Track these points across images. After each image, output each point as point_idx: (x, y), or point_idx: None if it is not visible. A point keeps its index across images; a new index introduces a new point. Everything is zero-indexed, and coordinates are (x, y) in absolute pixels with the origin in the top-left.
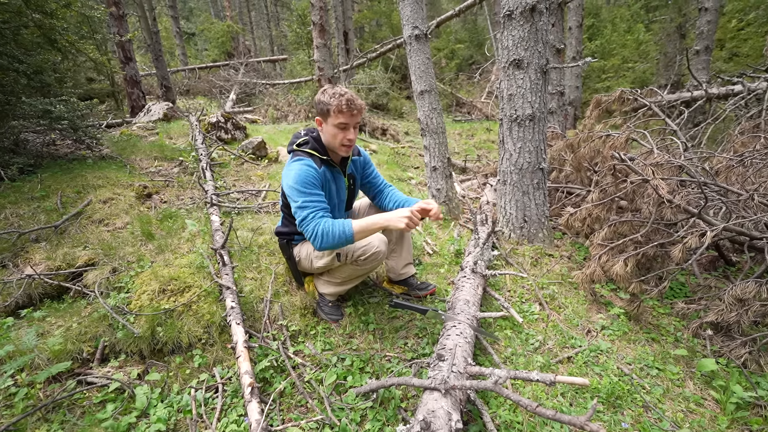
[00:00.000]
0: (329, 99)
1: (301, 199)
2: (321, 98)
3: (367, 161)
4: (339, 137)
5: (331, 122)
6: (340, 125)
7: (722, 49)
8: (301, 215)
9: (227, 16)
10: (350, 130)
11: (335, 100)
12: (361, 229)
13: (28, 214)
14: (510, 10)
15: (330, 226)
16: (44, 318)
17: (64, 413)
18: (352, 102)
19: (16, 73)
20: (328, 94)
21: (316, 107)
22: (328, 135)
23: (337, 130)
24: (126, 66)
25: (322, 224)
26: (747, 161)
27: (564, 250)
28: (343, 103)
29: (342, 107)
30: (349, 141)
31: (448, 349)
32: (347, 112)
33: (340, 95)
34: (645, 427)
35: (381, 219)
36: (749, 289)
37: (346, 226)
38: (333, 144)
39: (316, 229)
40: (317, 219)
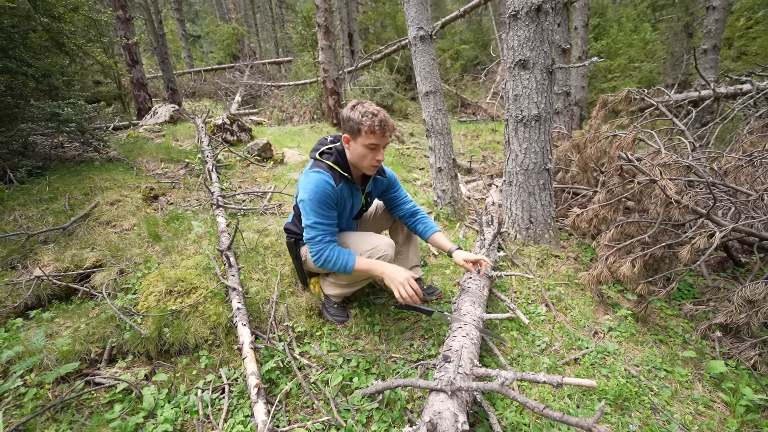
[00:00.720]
0: (360, 117)
1: (313, 219)
2: (351, 115)
3: (392, 183)
4: (368, 158)
5: (361, 142)
6: (370, 146)
7: (730, 47)
8: (310, 234)
9: (232, 19)
10: (380, 151)
11: (368, 120)
12: (363, 269)
13: (36, 216)
14: (515, 11)
15: (335, 255)
16: (53, 319)
17: (73, 413)
18: (385, 123)
19: (24, 77)
20: (358, 111)
21: (344, 123)
22: (356, 154)
23: (366, 151)
24: (132, 69)
25: (328, 250)
26: (756, 161)
27: (570, 251)
28: (376, 124)
29: (375, 128)
30: (378, 162)
31: (454, 351)
32: (379, 134)
33: (373, 115)
34: (653, 429)
35: (381, 269)
36: (759, 291)
37: (350, 262)
38: (360, 163)
39: (321, 252)
40: (324, 243)
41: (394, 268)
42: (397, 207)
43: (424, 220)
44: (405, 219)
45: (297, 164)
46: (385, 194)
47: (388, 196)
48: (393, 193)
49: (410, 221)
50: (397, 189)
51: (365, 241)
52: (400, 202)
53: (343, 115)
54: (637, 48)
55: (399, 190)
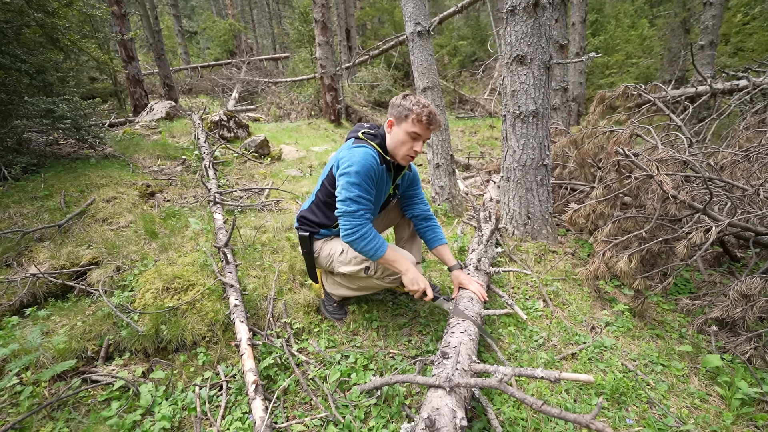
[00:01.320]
0: (411, 105)
1: (356, 192)
2: (402, 102)
3: (415, 179)
4: (407, 146)
5: (405, 128)
6: (412, 134)
7: (727, 43)
8: (350, 207)
9: (229, 15)
10: (420, 143)
11: (418, 108)
12: (391, 259)
13: (31, 214)
14: (513, 6)
15: (372, 236)
16: (49, 317)
17: (69, 411)
18: (433, 116)
19: (18, 73)
20: (411, 100)
21: (392, 109)
22: (396, 140)
23: (407, 138)
24: (128, 65)
25: (367, 228)
26: (752, 156)
27: (568, 246)
28: (425, 114)
29: (422, 118)
30: (415, 153)
31: (453, 347)
32: (425, 124)
33: (424, 105)
34: (650, 423)
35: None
36: (754, 285)
37: (382, 248)
38: (397, 150)
39: (360, 228)
40: (365, 219)
41: (416, 273)
42: (413, 206)
43: (435, 228)
44: (416, 221)
45: (294, 161)
46: (408, 190)
47: (409, 192)
48: (413, 191)
49: (421, 225)
50: (417, 187)
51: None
52: (417, 202)
53: (394, 102)
54: (635, 44)
55: (419, 188)
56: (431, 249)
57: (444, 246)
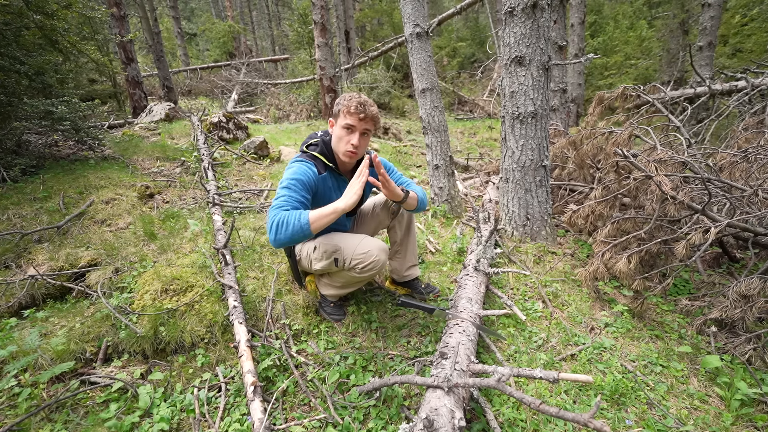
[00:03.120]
0: (342, 100)
1: (283, 192)
2: (338, 101)
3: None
4: (343, 140)
5: (339, 123)
6: (346, 126)
7: (726, 45)
8: (274, 203)
9: (228, 16)
10: (355, 135)
11: (346, 101)
12: (318, 216)
13: (30, 215)
14: (511, 7)
15: (286, 217)
16: (47, 318)
17: (68, 413)
18: (362, 105)
19: (17, 75)
20: (345, 96)
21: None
22: (335, 137)
23: (342, 132)
24: (128, 67)
25: (280, 215)
26: (751, 157)
27: (567, 247)
28: (353, 105)
29: (350, 108)
30: (353, 147)
31: (451, 347)
32: (355, 114)
33: (354, 98)
34: (649, 424)
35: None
36: (753, 286)
37: (302, 219)
38: (338, 148)
39: (273, 219)
40: (281, 210)
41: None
42: None
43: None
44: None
45: None
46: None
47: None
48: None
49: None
50: (392, 173)
51: (358, 245)
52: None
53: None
54: (634, 45)
55: (393, 173)
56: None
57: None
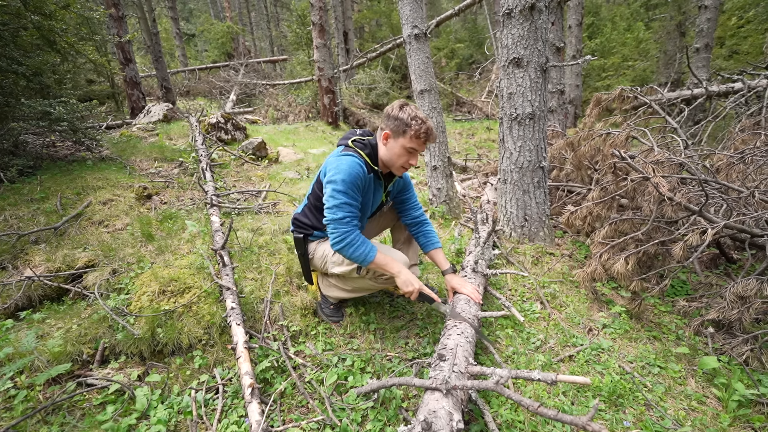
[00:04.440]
0: (409, 120)
1: (343, 199)
2: (400, 115)
3: (407, 184)
4: (403, 159)
5: (402, 143)
6: (410, 149)
7: (722, 46)
8: (337, 214)
9: (227, 17)
10: (416, 157)
11: (416, 125)
12: (380, 264)
13: (27, 216)
14: (509, 9)
15: (360, 241)
16: (44, 320)
17: (64, 415)
18: (431, 132)
19: (15, 75)
20: (407, 113)
21: (388, 121)
22: (392, 153)
23: (404, 152)
24: (126, 67)
25: (354, 234)
26: (747, 158)
27: (565, 248)
28: (423, 131)
29: (420, 134)
30: (410, 165)
31: (449, 349)
32: (423, 140)
33: (422, 122)
34: (647, 425)
35: (399, 269)
36: (751, 287)
37: (371, 254)
38: (393, 163)
39: (347, 235)
40: (352, 226)
41: (409, 274)
42: (407, 211)
43: (428, 233)
44: (410, 226)
45: (292, 163)
46: (399, 195)
47: (401, 197)
48: (405, 195)
49: (414, 230)
50: (410, 192)
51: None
52: (410, 207)
53: (390, 113)
54: (631, 47)
55: (412, 193)
56: (426, 253)
57: (438, 250)
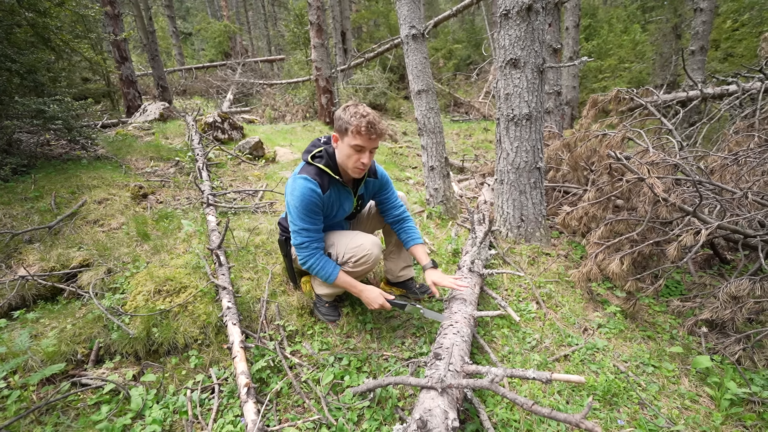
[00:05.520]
0: (349, 117)
1: (300, 225)
2: (341, 115)
3: (384, 184)
4: (353, 159)
5: (347, 142)
6: (356, 147)
7: (717, 49)
8: (296, 240)
9: (224, 16)
10: (365, 154)
11: (355, 120)
12: (344, 284)
13: (21, 215)
14: (507, 10)
15: (321, 264)
16: (38, 319)
17: (58, 415)
18: (372, 125)
19: (9, 73)
20: (349, 112)
21: (335, 122)
22: (342, 154)
23: (351, 151)
24: (122, 66)
25: (314, 258)
26: (741, 160)
27: (561, 248)
28: (363, 125)
29: (361, 129)
30: (363, 165)
31: (445, 348)
32: (365, 135)
33: (362, 116)
34: (641, 424)
35: (361, 289)
36: (743, 287)
37: (332, 275)
38: (345, 164)
39: (308, 259)
40: (311, 250)
41: (369, 292)
42: (387, 211)
43: (408, 229)
44: (392, 224)
45: (289, 162)
46: (377, 195)
47: (379, 197)
48: (383, 195)
49: (396, 227)
50: (388, 191)
51: (351, 239)
52: (390, 206)
53: (336, 114)
54: (627, 49)
55: (390, 192)
56: (407, 249)
57: (418, 246)
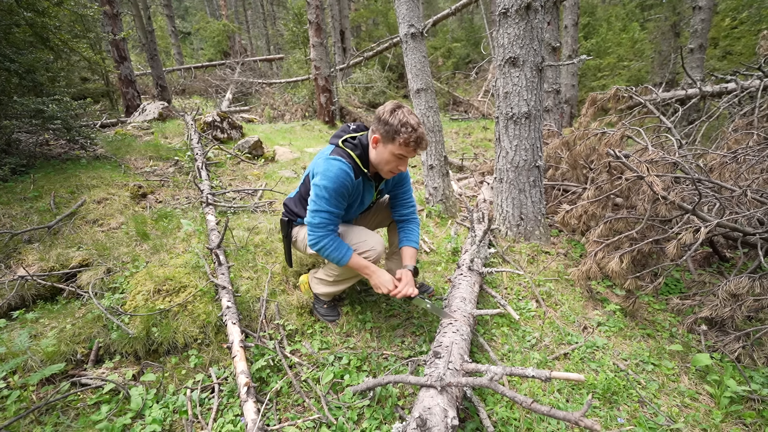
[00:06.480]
0: (399, 126)
1: (324, 207)
2: (390, 120)
3: (403, 180)
4: (391, 165)
5: (391, 150)
6: (398, 156)
7: (716, 47)
8: (315, 219)
9: (223, 15)
10: (405, 163)
11: (406, 133)
12: (356, 265)
13: (20, 215)
14: (505, 8)
15: (335, 245)
16: (37, 319)
17: (58, 415)
18: (421, 141)
19: (7, 72)
20: (398, 119)
21: (378, 125)
22: (381, 158)
23: (392, 158)
24: (120, 65)
25: (329, 239)
26: (740, 158)
27: (560, 247)
28: (412, 140)
29: (410, 142)
30: (399, 171)
31: (445, 347)
32: (412, 149)
33: (413, 129)
34: (641, 422)
35: (373, 271)
36: (743, 285)
37: (345, 257)
38: (381, 167)
39: (321, 239)
40: (327, 231)
41: (382, 275)
42: (397, 207)
43: (409, 231)
44: (397, 222)
45: (288, 162)
46: (393, 189)
47: (394, 192)
48: (400, 190)
49: (400, 225)
50: (405, 186)
51: (356, 234)
52: (402, 203)
53: (381, 116)
54: (626, 47)
55: (406, 189)
56: (399, 247)
57: (411, 248)
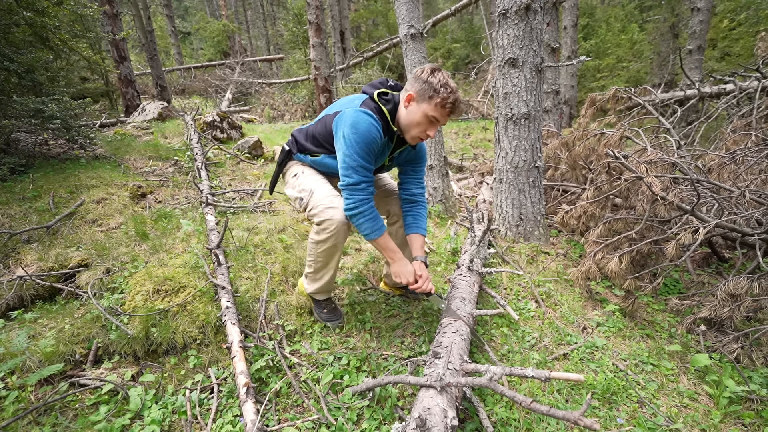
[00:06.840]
0: (438, 86)
1: (359, 162)
2: (429, 79)
3: (419, 157)
4: (421, 128)
5: (425, 109)
6: (431, 118)
7: (714, 48)
8: (352, 178)
9: (223, 15)
10: (435, 128)
11: (444, 92)
12: (383, 245)
13: (19, 215)
14: (505, 9)
15: (372, 216)
16: (36, 320)
17: (56, 416)
18: (458, 104)
19: (7, 72)
20: (438, 79)
21: (415, 83)
22: (411, 118)
23: (424, 120)
24: (120, 65)
25: (368, 205)
26: (739, 158)
27: (560, 247)
28: (450, 101)
29: (447, 104)
30: (427, 137)
31: (444, 347)
32: (448, 111)
33: (452, 91)
34: (640, 422)
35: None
36: (741, 285)
37: (379, 231)
38: (409, 129)
39: (362, 204)
40: (367, 194)
41: (405, 265)
42: (409, 184)
43: (418, 215)
44: (404, 201)
45: None
46: (406, 165)
47: (409, 167)
48: (415, 166)
49: (407, 207)
50: (420, 164)
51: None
52: (415, 180)
53: (419, 75)
54: (625, 48)
55: (420, 168)
56: (407, 234)
57: (418, 235)
